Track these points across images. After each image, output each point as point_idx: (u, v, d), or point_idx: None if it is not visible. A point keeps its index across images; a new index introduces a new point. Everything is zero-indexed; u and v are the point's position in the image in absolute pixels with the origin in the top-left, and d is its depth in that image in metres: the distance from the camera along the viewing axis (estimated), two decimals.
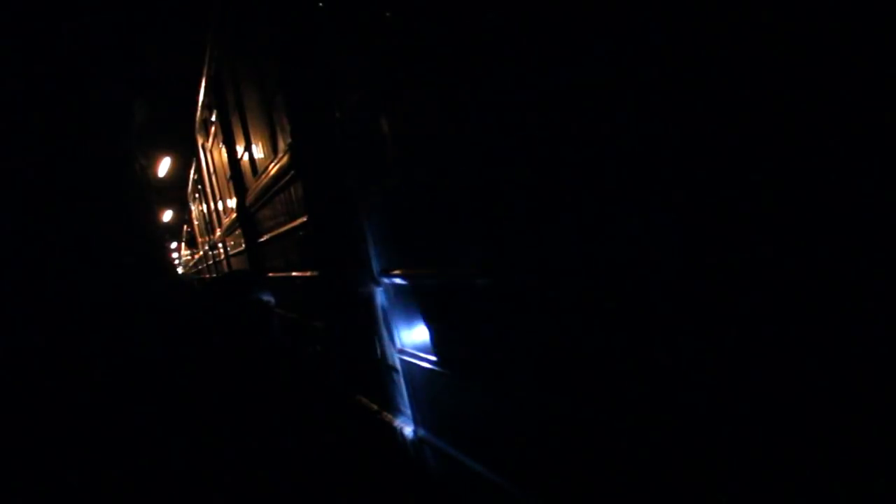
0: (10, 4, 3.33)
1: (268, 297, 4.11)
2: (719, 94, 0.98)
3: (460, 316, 2.29)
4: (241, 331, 3.96)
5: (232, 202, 6.40)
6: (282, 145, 3.99)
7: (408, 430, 2.95)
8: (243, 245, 5.99)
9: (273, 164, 4.25)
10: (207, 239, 11.00)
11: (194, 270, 14.52)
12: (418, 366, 2.74)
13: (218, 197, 8.01)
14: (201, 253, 13.00)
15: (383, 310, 2.95)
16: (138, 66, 5.79)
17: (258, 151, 4.78)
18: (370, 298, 3.10)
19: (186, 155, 10.79)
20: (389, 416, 3.23)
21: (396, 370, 2.93)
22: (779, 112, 0.87)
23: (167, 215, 18.07)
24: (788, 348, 0.97)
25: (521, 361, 1.90)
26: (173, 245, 20.25)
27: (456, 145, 1.98)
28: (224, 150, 6.01)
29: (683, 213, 1.20)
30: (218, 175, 7.46)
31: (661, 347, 1.41)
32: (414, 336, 2.71)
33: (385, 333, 2.98)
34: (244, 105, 4.93)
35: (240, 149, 5.42)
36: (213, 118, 6.32)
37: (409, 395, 2.92)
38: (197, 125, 8.18)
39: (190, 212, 13.76)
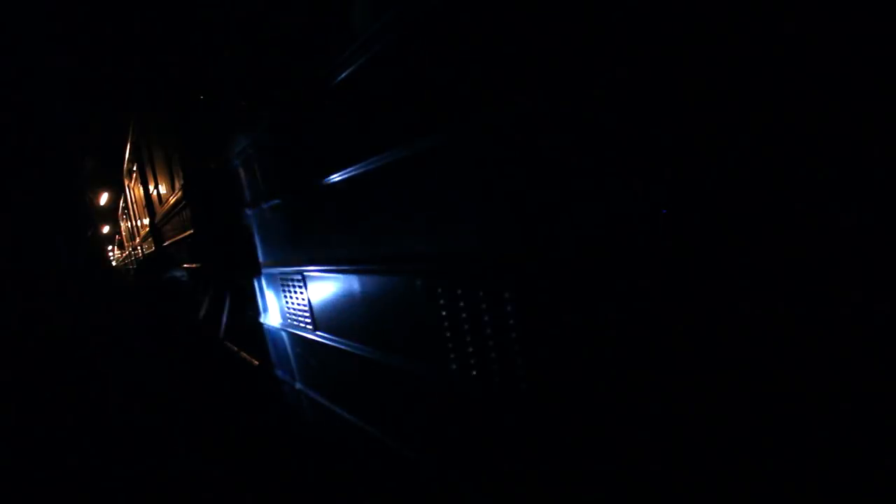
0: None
1: (181, 273, 5.18)
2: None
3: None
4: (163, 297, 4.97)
5: (146, 220, 7.93)
6: (178, 184, 5.30)
7: (276, 372, 3.71)
8: (154, 248, 7.66)
9: (172, 197, 5.69)
10: (131, 244, 13.93)
11: (123, 264, 17.86)
12: (274, 328, 3.49)
13: (137, 217, 9.69)
14: (127, 252, 16.73)
15: (243, 293, 3.96)
16: (89, 136, 7.64)
17: (163, 188, 6.38)
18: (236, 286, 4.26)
19: (118, 191, 13.33)
20: (255, 362, 4.02)
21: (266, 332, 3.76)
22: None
23: (105, 229, 23.81)
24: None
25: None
26: (110, 248, 24.31)
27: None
28: (141, 188, 7.66)
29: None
30: (137, 203, 9.12)
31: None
32: (273, 309, 3.45)
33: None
34: (154, 159, 6.51)
35: (151, 187, 6.98)
36: (135, 168, 7.76)
37: (271, 349, 3.69)
38: (125, 172, 9.59)
39: (120, 227, 18.09)
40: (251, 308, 3.75)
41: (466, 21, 1.38)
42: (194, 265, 5.57)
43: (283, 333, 3.40)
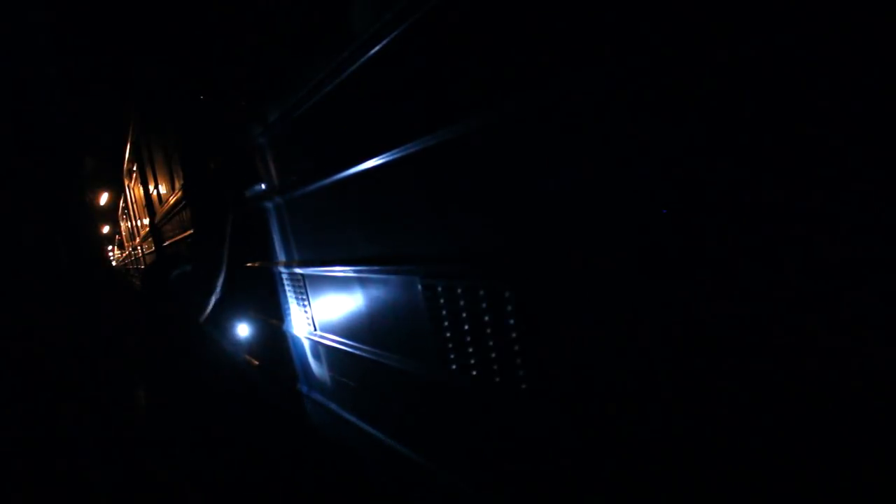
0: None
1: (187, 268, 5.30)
2: None
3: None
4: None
5: (146, 220, 8.13)
6: (178, 184, 5.40)
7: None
8: (153, 248, 7.86)
9: (172, 197, 5.77)
10: (131, 244, 13.98)
11: (123, 264, 18.00)
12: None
13: (137, 217, 9.91)
14: (127, 252, 16.91)
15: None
16: (87, 136, 7.72)
17: (163, 188, 6.48)
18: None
19: (118, 191, 13.32)
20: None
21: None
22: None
23: (105, 229, 23.65)
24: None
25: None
26: (110, 248, 24.34)
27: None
28: (141, 188, 7.80)
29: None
30: (137, 204, 9.33)
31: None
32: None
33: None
34: (154, 160, 6.60)
35: (151, 187, 7.12)
36: (135, 168, 7.98)
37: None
38: (124, 172, 9.90)
39: (120, 227, 18.28)
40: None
41: (464, 28, 1.37)
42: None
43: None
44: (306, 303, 2.94)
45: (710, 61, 0.91)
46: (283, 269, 3.19)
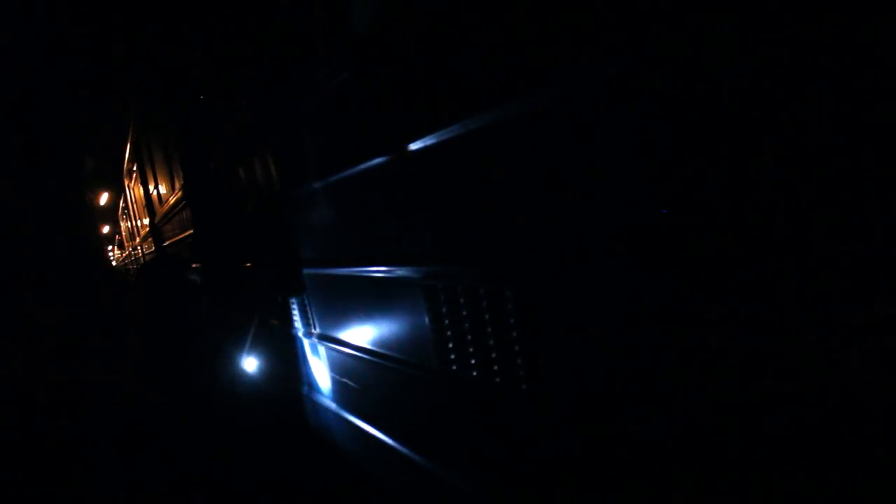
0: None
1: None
2: None
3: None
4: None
5: (146, 220, 8.12)
6: (178, 184, 5.32)
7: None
8: (154, 248, 7.86)
9: (172, 196, 5.72)
10: (131, 244, 13.98)
11: (123, 264, 18.16)
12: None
13: (137, 217, 9.76)
14: (127, 252, 17.06)
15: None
16: (87, 136, 7.77)
17: (163, 188, 6.45)
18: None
19: (118, 191, 13.31)
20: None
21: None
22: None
23: (105, 229, 23.85)
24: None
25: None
26: (110, 248, 24.39)
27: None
28: (141, 188, 7.80)
29: None
30: (137, 204, 9.20)
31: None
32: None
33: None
34: (154, 160, 6.55)
35: (151, 187, 7.13)
36: (135, 168, 7.96)
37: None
38: (124, 172, 9.71)
39: (120, 227, 18.40)
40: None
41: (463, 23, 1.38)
42: (194, 265, 5.59)
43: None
44: (306, 303, 2.95)
45: (708, 59, 0.91)
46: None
